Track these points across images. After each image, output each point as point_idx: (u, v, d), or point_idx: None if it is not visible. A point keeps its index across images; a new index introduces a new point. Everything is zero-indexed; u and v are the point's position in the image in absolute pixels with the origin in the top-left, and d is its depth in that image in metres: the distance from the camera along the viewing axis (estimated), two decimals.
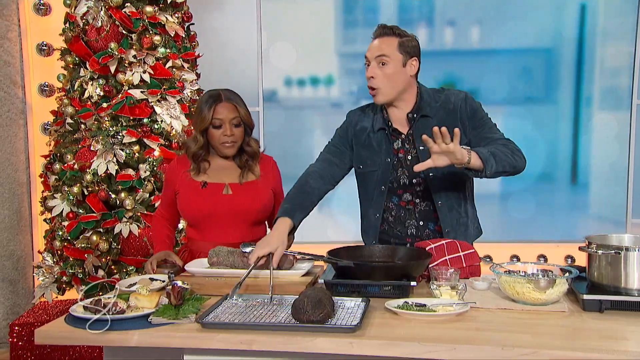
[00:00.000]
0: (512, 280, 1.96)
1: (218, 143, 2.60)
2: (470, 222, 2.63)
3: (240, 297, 2.03)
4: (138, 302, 1.90)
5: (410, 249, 2.36)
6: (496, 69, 4.93)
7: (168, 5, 3.78)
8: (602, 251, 1.94)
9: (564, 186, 4.98)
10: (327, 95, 5.17)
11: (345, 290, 2.08)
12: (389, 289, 2.05)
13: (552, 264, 2.11)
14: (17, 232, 4.31)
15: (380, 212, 2.59)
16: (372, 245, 2.51)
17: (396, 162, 2.56)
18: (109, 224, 3.55)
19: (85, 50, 3.66)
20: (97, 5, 3.56)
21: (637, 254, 1.89)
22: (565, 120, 4.94)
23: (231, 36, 4.89)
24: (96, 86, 3.63)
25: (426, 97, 2.54)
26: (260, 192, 2.68)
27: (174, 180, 2.67)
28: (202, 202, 2.60)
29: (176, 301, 1.88)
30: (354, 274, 2.10)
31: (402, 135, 2.55)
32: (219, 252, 2.29)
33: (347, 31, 5.17)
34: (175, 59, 3.71)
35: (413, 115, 2.52)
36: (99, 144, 3.52)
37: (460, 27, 5.01)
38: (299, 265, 2.30)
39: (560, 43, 4.90)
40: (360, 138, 2.63)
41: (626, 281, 1.91)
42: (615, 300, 1.89)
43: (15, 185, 4.29)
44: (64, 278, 3.66)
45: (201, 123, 2.56)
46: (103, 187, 3.54)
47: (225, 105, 2.57)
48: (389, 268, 2.08)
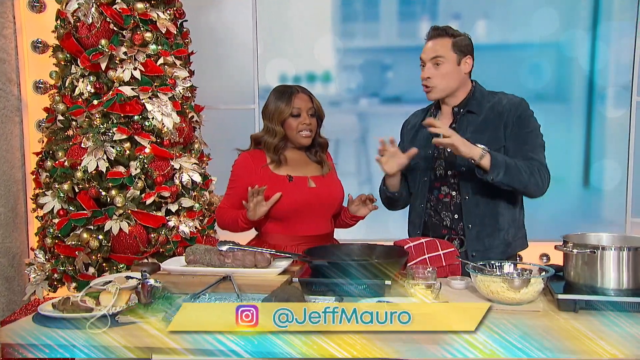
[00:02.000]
0: (487, 280, 1.94)
1: (296, 132, 2.68)
2: (507, 227, 2.61)
3: (213, 296, 2.01)
4: (107, 300, 1.89)
5: (388, 248, 2.34)
6: (504, 65, 4.75)
7: (160, 2, 3.76)
8: (577, 250, 1.91)
9: (575, 188, 4.84)
10: (324, 93, 5.02)
11: (320, 289, 2.07)
12: (364, 288, 2.03)
13: (530, 263, 2.08)
14: (12, 229, 4.32)
15: (424, 202, 2.69)
16: (352, 243, 2.50)
17: (437, 155, 2.66)
18: (99, 221, 3.54)
19: (77, 47, 3.65)
20: (88, 2, 3.54)
21: (613, 253, 1.87)
22: (577, 118, 4.79)
23: (227, 32, 4.83)
24: (87, 83, 3.62)
25: (478, 96, 2.64)
26: (337, 183, 2.83)
27: (249, 175, 2.68)
28: (291, 195, 2.62)
29: (146, 300, 1.87)
30: (329, 272, 2.08)
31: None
32: (196, 250, 2.28)
33: (345, 25, 5.04)
34: (167, 56, 3.69)
35: (459, 110, 2.62)
36: (89, 141, 3.51)
37: (465, 21, 4.84)
38: (277, 264, 2.28)
39: (572, 37, 4.71)
40: (409, 135, 2.82)
41: (602, 281, 1.88)
42: (589, 300, 1.86)
43: (10, 183, 4.30)
44: (55, 275, 3.66)
45: (280, 114, 2.66)
46: (93, 185, 3.53)
47: (301, 96, 2.68)
48: (363, 266, 2.06)
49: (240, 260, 2.22)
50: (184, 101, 3.80)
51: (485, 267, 2.08)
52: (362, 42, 5.14)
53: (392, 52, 5.06)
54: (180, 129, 3.70)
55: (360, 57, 5.11)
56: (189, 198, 3.74)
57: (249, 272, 2.19)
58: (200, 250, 2.28)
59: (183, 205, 3.71)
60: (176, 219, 3.67)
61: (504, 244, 2.58)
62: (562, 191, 4.77)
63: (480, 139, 2.46)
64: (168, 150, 3.63)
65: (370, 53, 5.13)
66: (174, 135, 3.66)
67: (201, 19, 4.68)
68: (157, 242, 3.60)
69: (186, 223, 3.68)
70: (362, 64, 5.12)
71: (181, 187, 3.69)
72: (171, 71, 3.73)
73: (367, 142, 4.95)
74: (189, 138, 3.83)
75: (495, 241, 2.56)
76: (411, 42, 4.87)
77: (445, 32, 2.57)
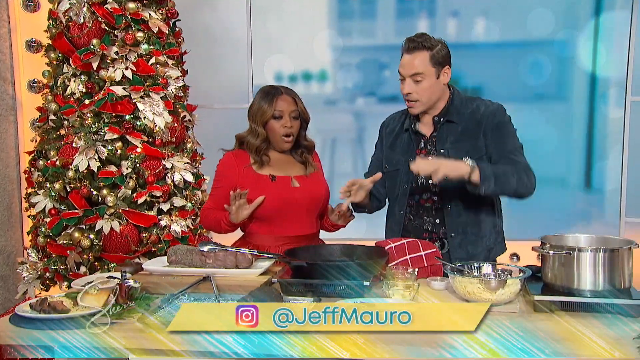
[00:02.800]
0: (464, 281, 1.94)
1: (277, 135, 2.67)
2: (488, 234, 2.63)
3: (191, 297, 2.02)
4: (85, 301, 1.90)
5: (368, 248, 2.34)
6: (503, 63, 4.69)
7: (152, 2, 3.76)
8: (553, 252, 1.90)
9: (577, 190, 4.76)
10: (320, 92, 4.97)
11: (300, 289, 2.06)
12: (343, 289, 2.03)
13: (506, 264, 2.07)
14: (7, 228, 4.34)
15: (404, 209, 2.66)
16: (334, 244, 2.51)
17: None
18: (91, 220, 3.55)
19: (69, 46, 3.66)
20: (80, 2, 3.55)
21: (590, 255, 1.86)
22: (579, 118, 4.70)
23: (221, 31, 4.80)
24: (79, 83, 3.62)
25: (457, 103, 2.61)
26: (323, 183, 2.81)
27: (233, 175, 2.68)
28: (274, 195, 2.61)
29: (123, 300, 1.88)
30: (309, 273, 2.08)
31: (425, 137, 2.63)
32: (178, 250, 2.29)
33: (342, 23, 4.97)
34: (159, 56, 3.69)
35: (439, 119, 2.59)
36: (81, 141, 3.52)
37: (464, 18, 4.77)
38: (258, 264, 2.28)
39: (574, 35, 4.62)
40: (388, 140, 2.77)
41: (578, 282, 1.88)
42: (565, 302, 1.86)
43: (5, 182, 4.31)
44: (47, 274, 3.67)
45: (263, 115, 2.65)
46: (85, 184, 3.54)
47: (285, 98, 2.67)
48: (342, 267, 2.06)
49: (222, 261, 2.22)
50: (176, 100, 3.80)
51: (464, 268, 2.08)
52: (359, 40, 5.08)
53: (389, 51, 4.92)
54: (172, 129, 3.70)
55: (357, 56, 5.03)
56: (181, 197, 3.74)
57: (229, 272, 2.19)
58: (182, 250, 2.28)
59: (175, 204, 3.72)
60: (168, 219, 3.68)
61: (485, 250, 2.60)
62: (562, 191, 4.74)
63: (461, 147, 2.50)
64: (160, 150, 3.63)
65: (368, 51, 5.06)
66: (165, 135, 3.66)
67: (196, 18, 4.66)
68: (148, 242, 3.61)
69: (178, 222, 3.68)
70: (359, 62, 5.04)
71: (173, 186, 3.70)
72: (163, 71, 3.73)
73: (364, 141, 4.89)
74: (182, 137, 3.84)
75: (477, 248, 2.57)
76: None
77: (422, 45, 2.48)
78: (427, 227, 2.63)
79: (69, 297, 1.95)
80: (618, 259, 1.87)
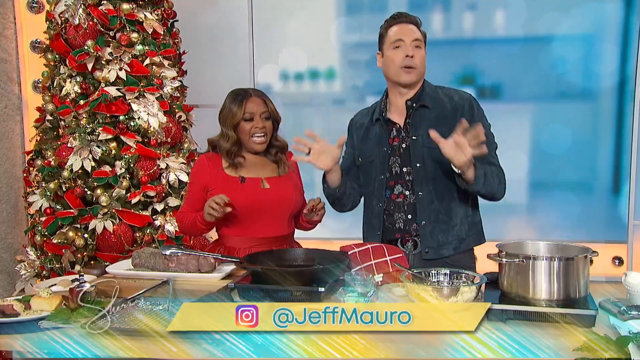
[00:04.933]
0: (418, 288, 1.89)
1: (249, 136, 2.66)
2: (459, 224, 2.58)
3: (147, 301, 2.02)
4: (38, 305, 1.91)
5: (331, 253, 2.30)
6: (523, 60, 4.43)
7: (148, 3, 3.79)
8: (506, 260, 1.85)
9: (604, 195, 4.50)
10: (328, 91, 4.82)
11: (258, 295, 2.04)
12: (300, 294, 2.01)
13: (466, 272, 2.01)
14: (14, 225, 4.41)
15: (382, 202, 2.60)
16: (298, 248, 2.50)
17: (391, 151, 2.59)
18: (85, 220, 3.59)
19: (65, 47, 3.70)
20: (76, 3, 3.59)
21: (544, 263, 1.80)
22: (606, 119, 4.44)
23: (223, 30, 4.72)
24: (74, 83, 3.67)
25: (428, 90, 2.59)
26: (294, 184, 2.77)
27: (205, 177, 2.69)
28: (243, 196, 2.61)
29: (73, 304, 1.88)
30: (267, 278, 2.06)
31: (397, 125, 2.58)
32: (142, 253, 2.29)
33: (350, 18, 4.75)
34: (154, 56, 3.71)
35: (412, 104, 2.55)
36: (76, 141, 3.55)
37: (481, 11, 4.54)
38: (222, 268, 2.27)
39: (601, 29, 4.34)
40: (359, 134, 2.72)
41: (533, 291, 1.82)
42: (518, 311, 1.80)
43: (12, 180, 4.39)
44: (43, 272, 3.73)
45: (232, 118, 2.64)
46: (79, 184, 3.58)
47: (254, 100, 2.66)
48: (297, 273, 2.03)
49: (184, 265, 2.22)
50: (172, 101, 3.81)
51: (421, 275, 2.03)
52: (368, 36, 4.94)
53: None
54: (167, 129, 3.71)
55: (367, 52, 4.74)
56: (176, 197, 3.76)
57: (190, 276, 2.19)
58: (146, 253, 2.29)
59: (169, 204, 3.74)
60: (162, 218, 3.69)
61: (457, 240, 2.55)
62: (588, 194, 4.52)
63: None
64: (154, 150, 3.65)
65: (377, 48, 4.93)
66: (160, 135, 3.68)
67: (198, 17, 4.65)
68: (142, 241, 3.64)
69: (172, 222, 3.69)
70: (369, 59, 4.79)
71: (168, 186, 3.71)
72: (159, 71, 3.74)
73: None
74: (178, 137, 3.85)
75: (448, 237, 2.53)
76: None
77: (414, 20, 2.54)
78: (399, 225, 2.57)
79: (25, 300, 1.96)
80: (573, 268, 1.80)
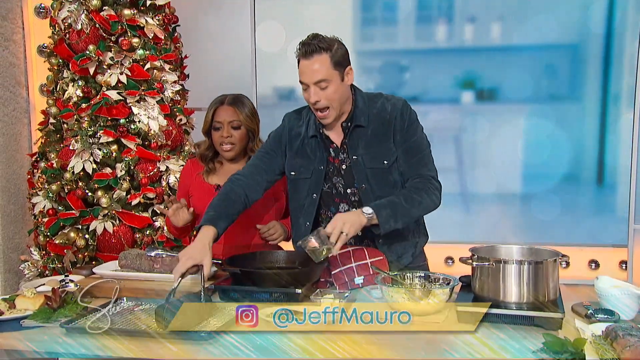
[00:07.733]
0: (391, 290, 1.93)
1: (217, 145, 2.71)
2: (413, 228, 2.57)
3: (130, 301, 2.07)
4: (22, 304, 1.97)
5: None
6: (519, 66, 4.74)
7: (149, 8, 3.85)
8: (477, 263, 1.88)
9: (590, 188, 4.74)
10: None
11: (238, 296, 2.09)
12: (278, 296, 2.05)
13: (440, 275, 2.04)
14: (22, 226, 4.50)
15: (310, 220, 2.54)
16: (279, 250, 2.52)
17: (331, 170, 2.52)
18: (86, 221, 3.66)
19: (68, 52, 3.78)
20: (78, 9, 3.66)
21: (514, 267, 1.83)
22: (591, 119, 4.70)
23: (225, 34, 4.83)
24: (76, 87, 3.74)
25: (361, 105, 2.47)
26: (273, 193, 2.72)
27: (188, 182, 2.77)
28: None
29: (55, 304, 1.94)
30: (247, 280, 2.11)
31: (334, 145, 2.51)
32: (128, 255, 2.35)
33: (365, 29, 5.10)
34: (155, 61, 3.77)
35: (347, 125, 2.46)
36: (78, 144, 3.63)
37: (480, 23, 4.86)
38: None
39: (587, 38, 4.64)
40: (294, 145, 2.58)
41: (504, 294, 1.85)
42: (489, 313, 1.83)
43: (20, 182, 4.47)
44: (46, 272, 3.80)
45: (205, 125, 2.73)
46: (81, 186, 3.65)
47: (225, 109, 2.71)
48: (276, 275, 2.07)
49: (169, 266, 2.27)
50: (173, 104, 3.88)
51: (397, 277, 2.06)
52: (380, 45, 5.23)
53: (409, 54, 5.12)
54: (167, 132, 3.77)
55: (379, 59, 5.17)
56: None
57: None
58: (132, 255, 2.34)
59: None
60: (162, 220, 3.75)
61: (412, 246, 2.55)
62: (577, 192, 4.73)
63: (374, 153, 2.43)
64: (154, 153, 3.71)
65: (389, 55, 5.19)
66: (160, 138, 3.74)
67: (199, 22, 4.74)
68: (142, 242, 3.70)
69: None
70: (381, 65, 5.17)
71: (168, 188, 3.77)
72: (159, 75, 3.81)
73: None
74: (178, 140, 3.90)
75: (405, 246, 2.52)
76: (428, 44, 5.00)
77: (318, 47, 2.29)
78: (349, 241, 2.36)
79: (10, 299, 2.02)
80: (543, 271, 1.83)
